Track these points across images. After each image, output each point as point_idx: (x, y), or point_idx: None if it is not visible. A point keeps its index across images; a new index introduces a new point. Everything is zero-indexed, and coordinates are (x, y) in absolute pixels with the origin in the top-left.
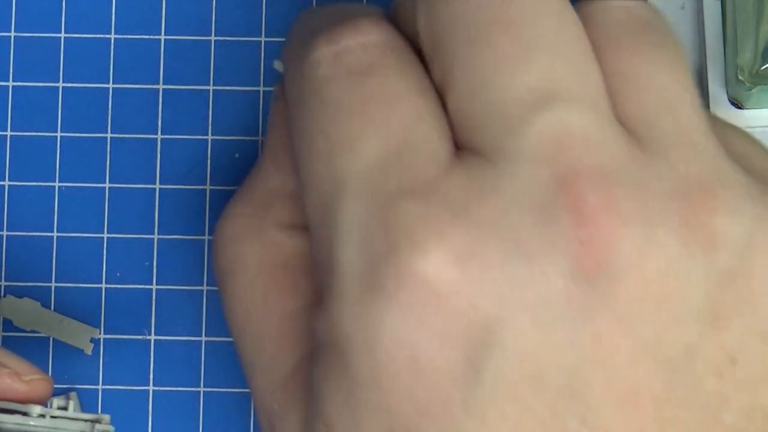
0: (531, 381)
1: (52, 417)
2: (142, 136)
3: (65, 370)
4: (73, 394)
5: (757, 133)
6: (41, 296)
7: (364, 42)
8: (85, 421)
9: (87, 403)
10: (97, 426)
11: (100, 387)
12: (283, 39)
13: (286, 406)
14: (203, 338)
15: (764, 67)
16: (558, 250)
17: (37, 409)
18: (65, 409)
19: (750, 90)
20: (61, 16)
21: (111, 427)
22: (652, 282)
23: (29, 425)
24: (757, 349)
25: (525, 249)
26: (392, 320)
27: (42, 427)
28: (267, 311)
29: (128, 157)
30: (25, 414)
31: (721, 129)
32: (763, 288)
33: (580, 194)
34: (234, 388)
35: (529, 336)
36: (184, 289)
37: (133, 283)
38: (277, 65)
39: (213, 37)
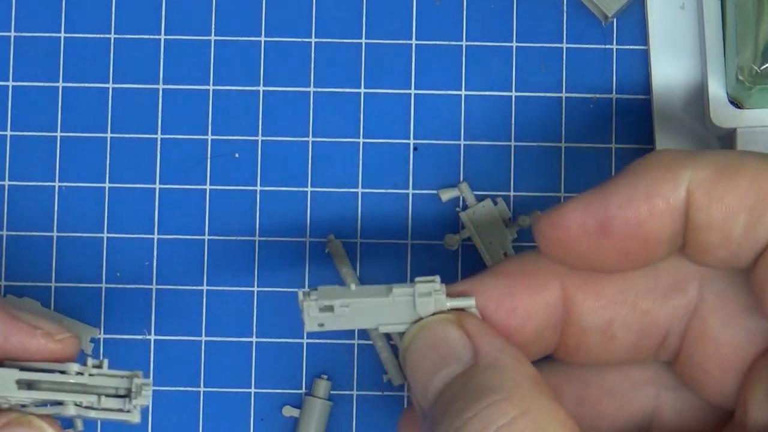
0: None
1: (90, 375)
2: (142, 136)
3: None
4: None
5: (757, 133)
6: (41, 296)
7: None
8: (122, 377)
9: None
10: (135, 380)
11: None
12: (282, 39)
13: None
14: (203, 338)
15: (764, 66)
16: None
17: (75, 367)
18: (100, 367)
19: (750, 90)
20: (61, 16)
21: (149, 380)
22: None
23: (69, 383)
24: None
25: None
26: None
27: (81, 384)
28: None
29: (128, 157)
30: (63, 372)
31: None
32: None
33: None
34: (234, 387)
35: None
36: (184, 289)
37: (133, 284)
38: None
39: (213, 37)
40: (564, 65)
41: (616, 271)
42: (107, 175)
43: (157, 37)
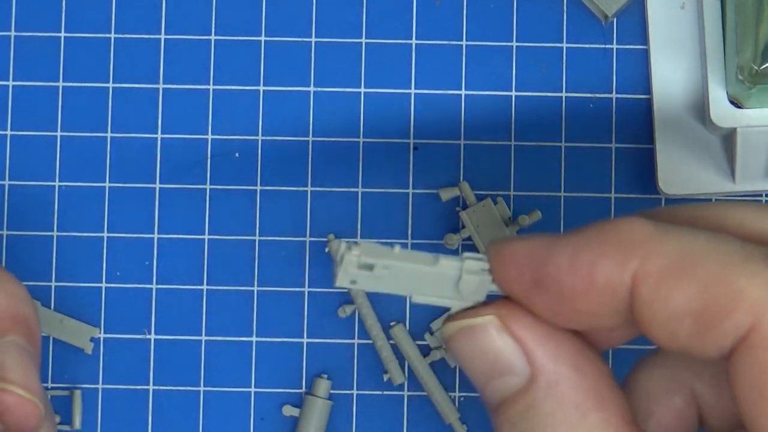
0: None
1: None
2: (142, 136)
3: (65, 369)
4: None
5: (757, 133)
6: (41, 296)
7: None
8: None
9: (87, 403)
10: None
11: (100, 386)
12: (282, 39)
13: None
14: (203, 338)
15: (764, 66)
16: None
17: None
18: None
19: (750, 90)
20: (61, 16)
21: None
22: None
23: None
24: None
25: None
26: None
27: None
28: None
29: (128, 157)
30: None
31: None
32: None
33: None
34: (234, 387)
35: None
36: (184, 289)
37: (133, 283)
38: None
39: (213, 37)
40: (564, 65)
41: (552, 323)
42: (107, 175)
43: (157, 37)
